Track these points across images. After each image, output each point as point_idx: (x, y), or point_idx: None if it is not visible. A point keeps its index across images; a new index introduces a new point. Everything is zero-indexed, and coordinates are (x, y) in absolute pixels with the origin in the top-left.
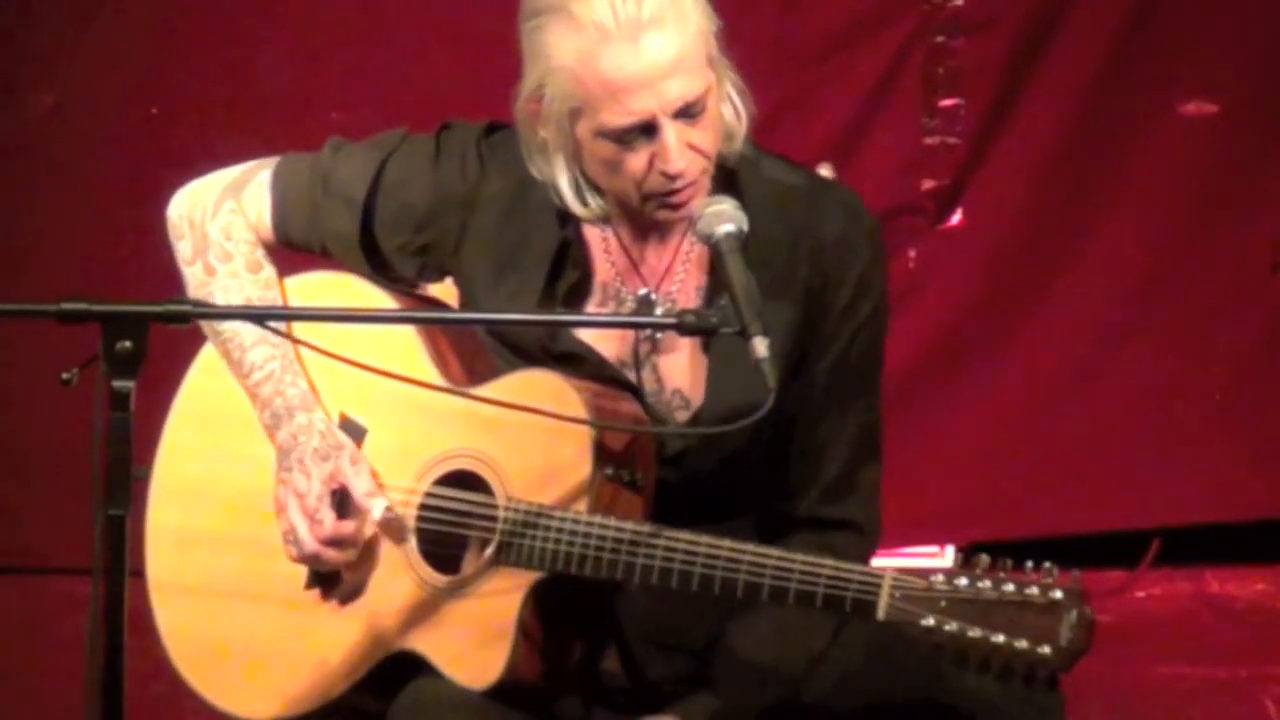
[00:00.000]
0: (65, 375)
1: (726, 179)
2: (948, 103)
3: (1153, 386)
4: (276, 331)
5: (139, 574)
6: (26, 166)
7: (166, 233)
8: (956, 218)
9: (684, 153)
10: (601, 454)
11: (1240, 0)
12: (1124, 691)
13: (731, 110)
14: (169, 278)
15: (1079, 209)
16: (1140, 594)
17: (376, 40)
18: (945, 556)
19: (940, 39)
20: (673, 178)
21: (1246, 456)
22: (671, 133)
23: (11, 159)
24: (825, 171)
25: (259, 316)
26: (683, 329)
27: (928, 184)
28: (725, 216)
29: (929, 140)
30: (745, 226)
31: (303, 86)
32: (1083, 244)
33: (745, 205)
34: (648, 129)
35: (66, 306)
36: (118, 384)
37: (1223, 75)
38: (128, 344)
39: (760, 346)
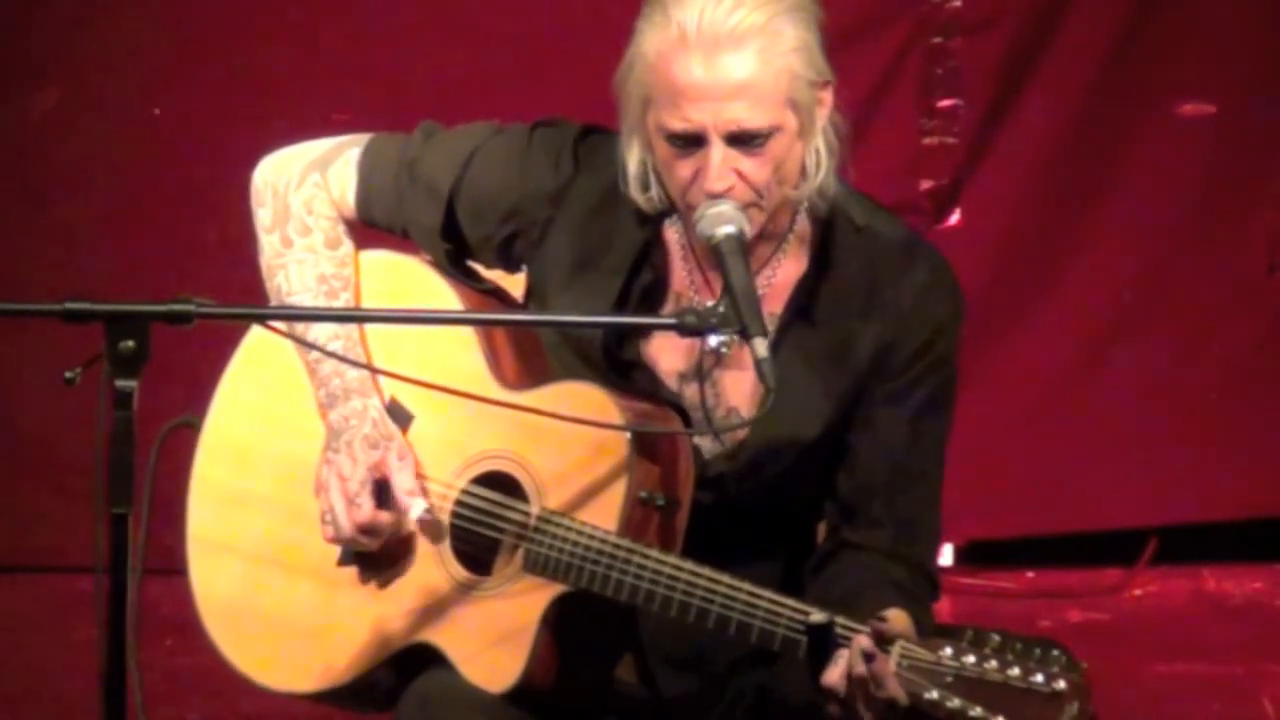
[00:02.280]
0: (69, 374)
1: (823, 225)
2: (946, 103)
3: (1150, 386)
4: (332, 319)
5: (148, 572)
6: (30, 166)
7: (249, 197)
8: (955, 218)
9: (725, 176)
10: (637, 475)
11: (1237, 2)
12: (1121, 689)
13: (814, 162)
14: (172, 277)
15: (1076, 209)
16: (1138, 592)
17: (380, 41)
18: (944, 555)
19: (938, 40)
20: (710, 196)
21: (1243, 455)
22: (718, 153)
23: (15, 158)
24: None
25: (264, 316)
26: (683, 329)
27: (926, 184)
28: (725, 218)
29: (927, 140)
30: (746, 228)
31: (306, 87)
32: (1080, 244)
33: (832, 250)
34: (699, 141)
35: (70, 306)
36: (120, 383)
37: (1219, 76)
38: (130, 343)
39: (760, 347)
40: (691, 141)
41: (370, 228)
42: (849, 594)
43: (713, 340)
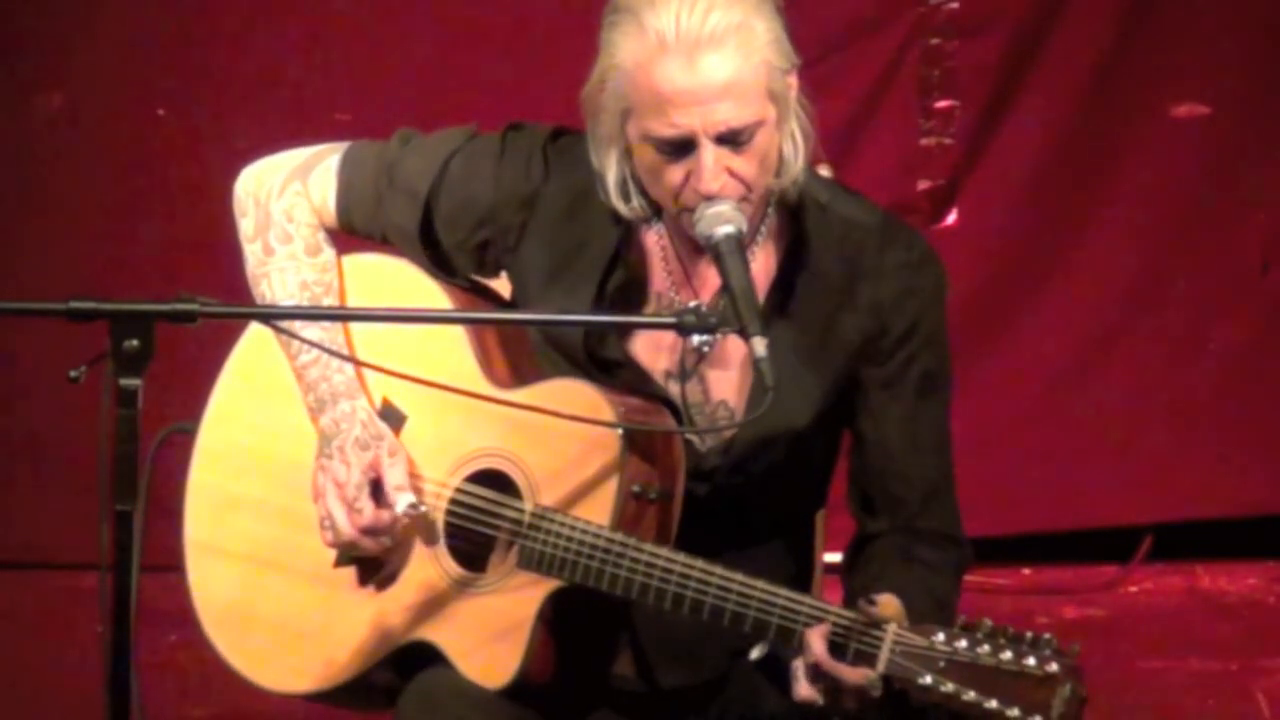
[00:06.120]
0: (73, 373)
1: (791, 212)
2: (943, 104)
3: (1145, 384)
4: (326, 317)
5: (149, 569)
6: (35, 166)
7: (231, 207)
8: (952, 218)
9: (719, 175)
10: (629, 470)
11: (1231, 4)
12: (1117, 685)
13: (791, 148)
14: (175, 277)
15: (1072, 209)
16: (1133, 589)
17: (383, 42)
18: None
19: (936, 41)
20: (706, 197)
21: (1238, 454)
22: (709, 154)
23: (20, 159)
24: (824, 172)
25: (267, 316)
26: (682, 329)
27: (923, 184)
28: (724, 218)
29: (925, 141)
30: (744, 227)
31: (309, 88)
32: (1076, 244)
33: (806, 240)
34: (688, 145)
35: (74, 305)
36: (124, 382)
37: (1214, 78)
38: (135, 342)
39: (759, 346)
40: (680, 146)
41: (351, 234)
42: (868, 583)
43: (695, 338)
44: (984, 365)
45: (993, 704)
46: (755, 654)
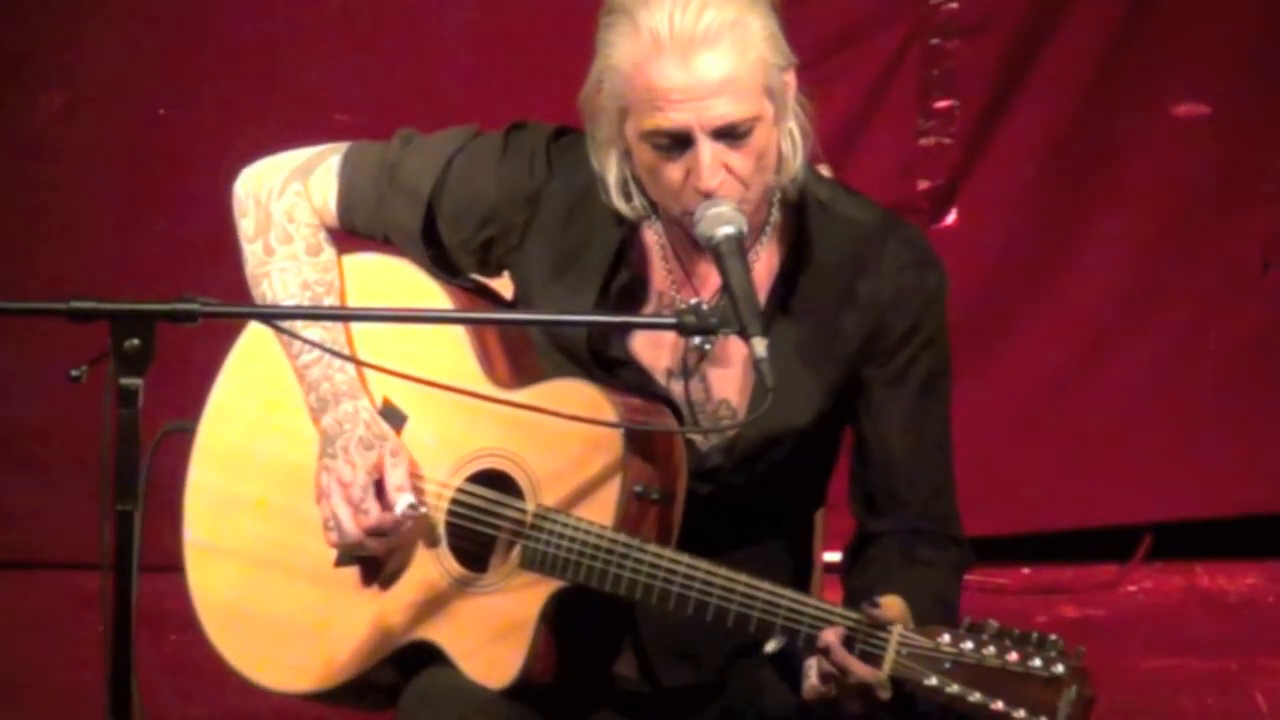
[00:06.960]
0: (75, 372)
1: (795, 211)
2: (943, 104)
3: (1145, 384)
4: (326, 317)
5: (149, 569)
6: (36, 166)
7: (231, 208)
8: (951, 217)
9: (717, 172)
10: (632, 470)
11: (1232, 4)
12: (1115, 684)
13: (790, 145)
14: (175, 277)
15: (1072, 209)
16: (1132, 588)
17: (383, 42)
18: None
19: (935, 41)
20: (705, 195)
21: (1237, 453)
22: (707, 150)
23: (21, 158)
24: (824, 172)
25: (268, 316)
26: (683, 329)
27: (923, 184)
28: (725, 219)
29: (924, 141)
30: (744, 228)
31: (309, 88)
32: (1076, 243)
33: (808, 239)
34: (685, 140)
35: (75, 305)
36: (125, 381)
37: (1214, 77)
38: (136, 341)
39: (759, 347)
40: (677, 143)
41: (352, 234)
42: (870, 584)
43: (696, 337)
44: (984, 365)
45: (999, 705)
46: (771, 647)
